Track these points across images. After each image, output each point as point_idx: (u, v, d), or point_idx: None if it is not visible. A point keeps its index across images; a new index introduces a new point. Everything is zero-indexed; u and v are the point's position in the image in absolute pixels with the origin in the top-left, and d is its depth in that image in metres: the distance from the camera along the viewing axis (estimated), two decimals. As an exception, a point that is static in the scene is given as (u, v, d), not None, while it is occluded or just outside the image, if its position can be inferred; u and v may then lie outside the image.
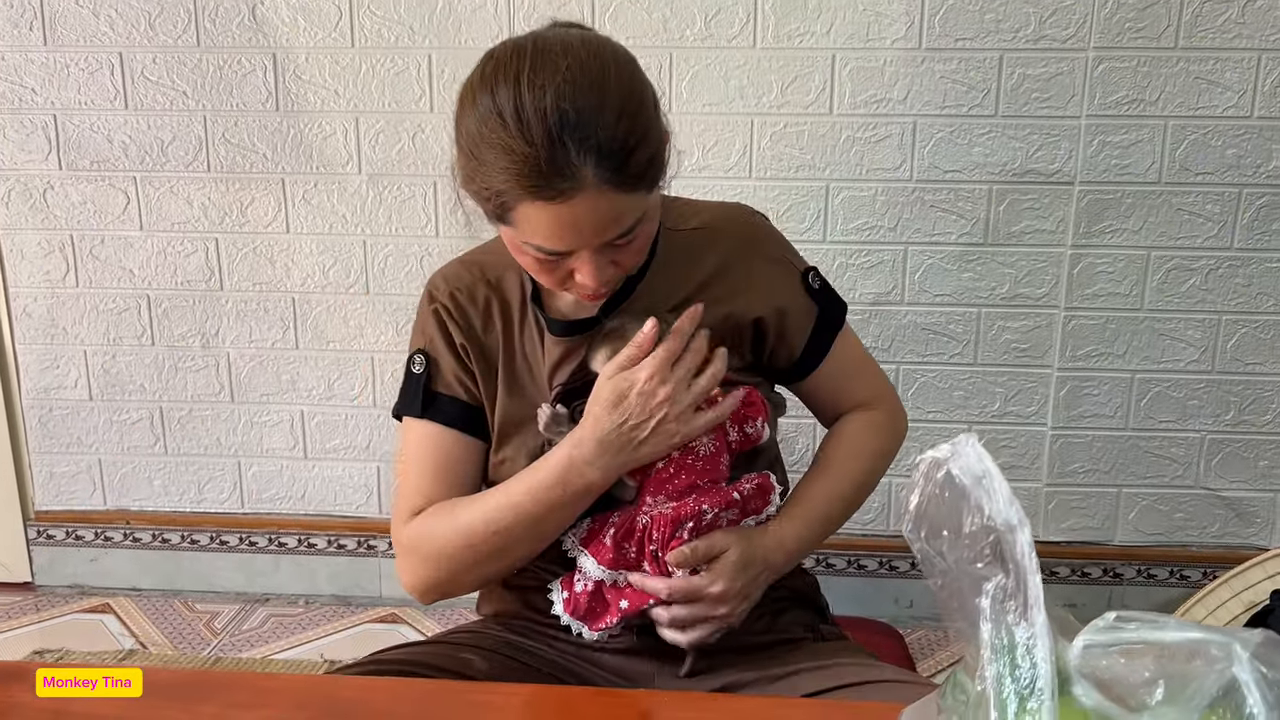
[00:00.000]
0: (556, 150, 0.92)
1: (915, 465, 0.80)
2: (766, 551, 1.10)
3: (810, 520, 1.15)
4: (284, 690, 1.02)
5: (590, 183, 0.93)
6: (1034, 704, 0.72)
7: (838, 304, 1.21)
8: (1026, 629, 0.74)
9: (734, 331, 1.13)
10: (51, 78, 2.18)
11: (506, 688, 1.07)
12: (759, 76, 2.05)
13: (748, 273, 1.14)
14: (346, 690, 1.02)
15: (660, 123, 1.00)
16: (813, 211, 2.10)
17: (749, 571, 1.08)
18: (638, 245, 1.02)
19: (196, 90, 2.16)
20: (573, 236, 0.96)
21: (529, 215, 0.96)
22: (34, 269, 2.28)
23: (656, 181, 1.00)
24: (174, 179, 2.21)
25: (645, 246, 1.04)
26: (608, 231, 0.97)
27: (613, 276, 1.03)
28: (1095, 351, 2.13)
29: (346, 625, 2.30)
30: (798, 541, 1.13)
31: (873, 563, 2.28)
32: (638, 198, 0.97)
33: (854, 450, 1.21)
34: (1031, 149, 2.04)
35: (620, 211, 0.96)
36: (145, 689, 0.96)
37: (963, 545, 0.78)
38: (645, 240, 1.03)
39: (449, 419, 1.15)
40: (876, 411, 1.24)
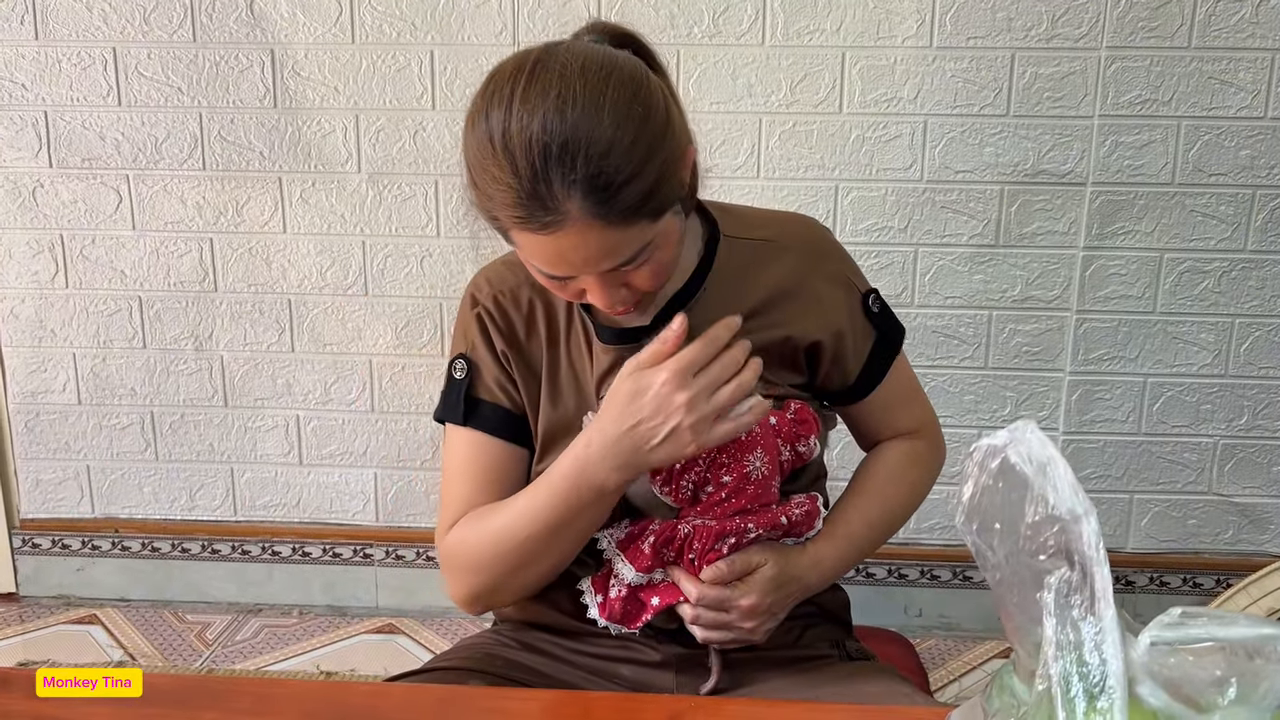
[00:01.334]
0: (539, 184, 0.88)
1: (969, 454, 0.76)
2: (802, 570, 1.07)
3: (847, 542, 1.12)
4: (289, 696, 0.97)
5: (576, 216, 0.89)
6: (1104, 702, 0.68)
7: (896, 329, 1.17)
8: (1094, 623, 0.70)
9: (790, 353, 1.10)
10: (42, 73, 2.13)
11: (522, 693, 1.03)
12: (767, 75, 2.01)
13: (811, 293, 1.10)
14: (354, 696, 0.97)
15: (669, 147, 0.93)
16: (821, 212, 2.06)
17: (782, 590, 1.05)
18: (653, 269, 0.97)
19: (192, 86, 2.12)
20: (567, 266, 0.94)
21: (522, 242, 0.94)
22: (22, 269, 2.23)
23: (660, 212, 0.94)
24: (168, 177, 2.16)
25: (664, 270, 0.99)
26: (603, 263, 0.93)
27: (628, 298, 0.99)
28: (1107, 355, 2.10)
29: (342, 636, 2.24)
30: (834, 563, 1.10)
31: (881, 571, 2.24)
32: (636, 230, 0.92)
33: (893, 477, 1.18)
34: (1043, 149, 2.02)
35: (614, 244, 0.92)
36: (146, 693, 0.92)
37: (1023, 537, 0.74)
38: (662, 265, 0.98)
39: (492, 427, 1.11)
40: (919, 442, 1.21)
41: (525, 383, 1.10)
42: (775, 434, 1.05)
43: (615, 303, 0.98)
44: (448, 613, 2.29)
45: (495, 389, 1.11)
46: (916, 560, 2.23)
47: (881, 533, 1.16)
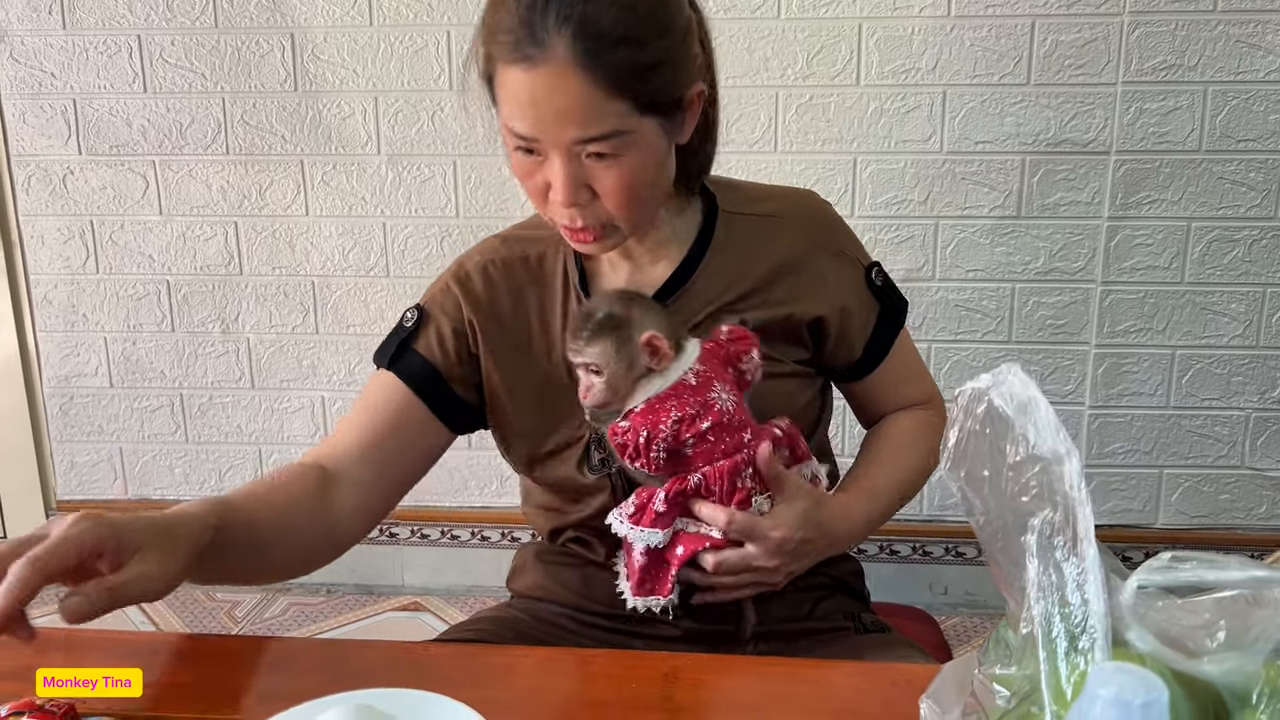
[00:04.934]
0: (535, 12, 0.89)
1: (954, 398, 0.76)
2: (831, 517, 1.04)
3: (872, 497, 1.10)
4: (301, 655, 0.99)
5: (561, 56, 0.88)
6: (1085, 642, 0.67)
7: (900, 303, 1.15)
8: (1076, 564, 0.69)
9: (794, 329, 1.08)
10: (70, 61, 2.17)
11: (524, 650, 1.03)
12: (784, 47, 2.00)
13: (814, 269, 1.08)
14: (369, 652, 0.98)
15: (674, 43, 0.94)
16: (840, 185, 2.05)
17: (810, 529, 1.01)
18: (620, 177, 0.95)
19: (215, 72, 2.15)
20: (536, 117, 0.91)
21: (505, 82, 0.92)
22: (54, 255, 2.27)
23: (644, 102, 0.92)
24: (193, 162, 2.20)
25: (632, 187, 0.96)
26: (571, 123, 0.91)
27: (588, 213, 0.97)
28: (1134, 327, 2.07)
29: (368, 614, 2.26)
30: (861, 517, 1.08)
31: (906, 548, 2.22)
32: (615, 103, 0.91)
33: (907, 441, 1.15)
34: (1065, 118, 1.99)
35: (588, 104, 0.90)
36: (165, 653, 0.94)
37: (1006, 479, 0.73)
38: (631, 179, 0.95)
39: (410, 375, 1.08)
40: (929, 411, 1.18)
41: (497, 352, 1.08)
42: (716, 358, 1.03)
43: (575, 205, 0.96)
44: (472, 591, 2.31)
45: (435, 345, 1.09)
46: (941, 537, 2.21)
47: (900, 496, 1.13)
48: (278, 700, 0.78)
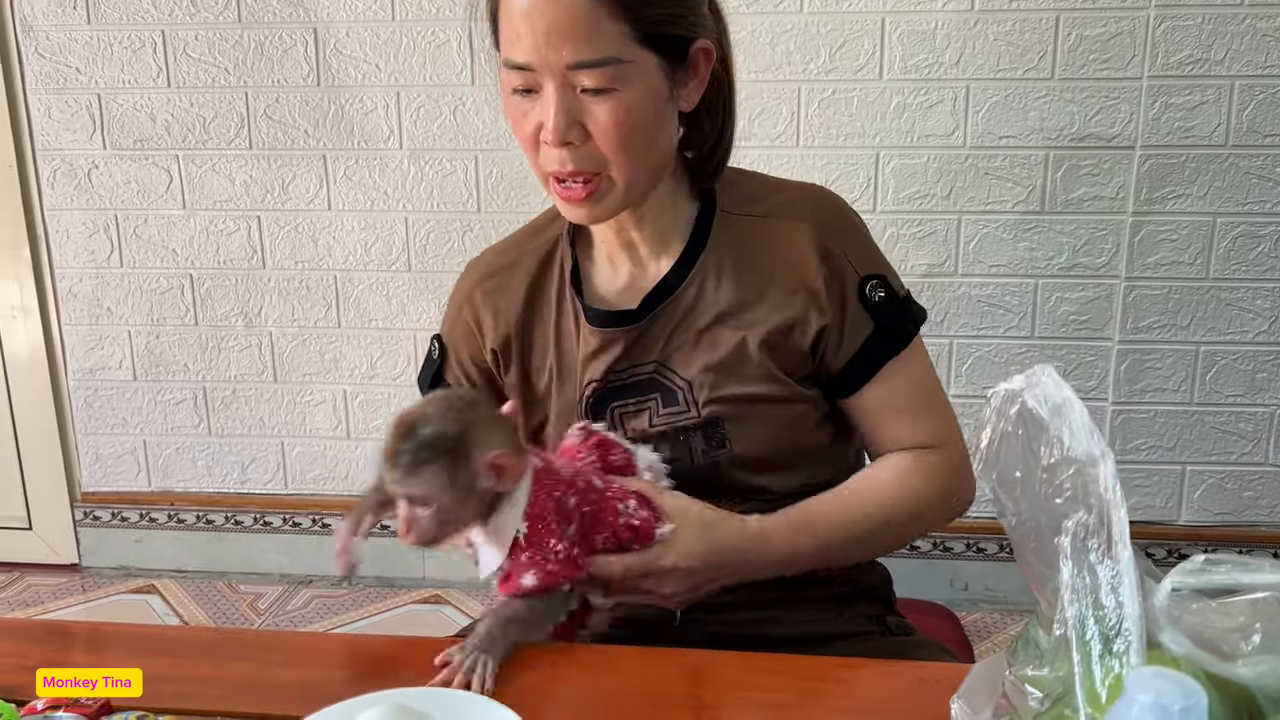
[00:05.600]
0: None
1: (987, 400, 0.75)
2: (737, 539, 0.98)
3: (801, 530, 1.00)
4: (320, 650, 1.00)
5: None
6: (1120, 645, 0.67)
7: (905, 324, 1.05)
8: (1111, 566, 0.69)
9: (796, 340, 1.02)
10: (95, 57, 2.18)
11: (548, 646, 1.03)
12: (806, 42, 2.00)
13: (809, 274, 1.01)
14: (388, 647, 0.99)
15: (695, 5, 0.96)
16: (862, 180, 2.04)
17: (711, 556, 0.97)
18: (615, 112, 0.92)
19: (238, 66, 2.16)
20: (533, 38, 0.90)
21: (507, 9, 0.93)
22: (79, 249, 2.29)
23: (644, 31, 0.92)
24: (216, 157, 2.21)
25: (626, 126, 0.93)
26: (568, 43, 0.90)
27: (581, 145, 0.94)
28: (1158, 323, 2.06)
29: (390, 606, 2.28)
30: (784, 545, 1.00)
31: (926, 544, 2.22)
32: (614, 24, 0.90)
33: (883, 481, 1.05)
34: (1090, 112, 1.97)
35: (588, 22, 0.90)
36: (183, 647, 0.95)
37: (1039, 480, 0.73)
38: (627, 113, 0.92)
39: None
40: (932, 453, 1.05)
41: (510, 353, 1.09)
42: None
43: (567, 144, 0.93)
44: (492, 583, 2.32)
45: (459, 373, 1.12)
46: (962, 534, 2.20)
47: (860, 538, 1.03)
48: (312, 696, 0.78)
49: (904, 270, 2.05)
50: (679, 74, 0.96)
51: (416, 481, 0.85)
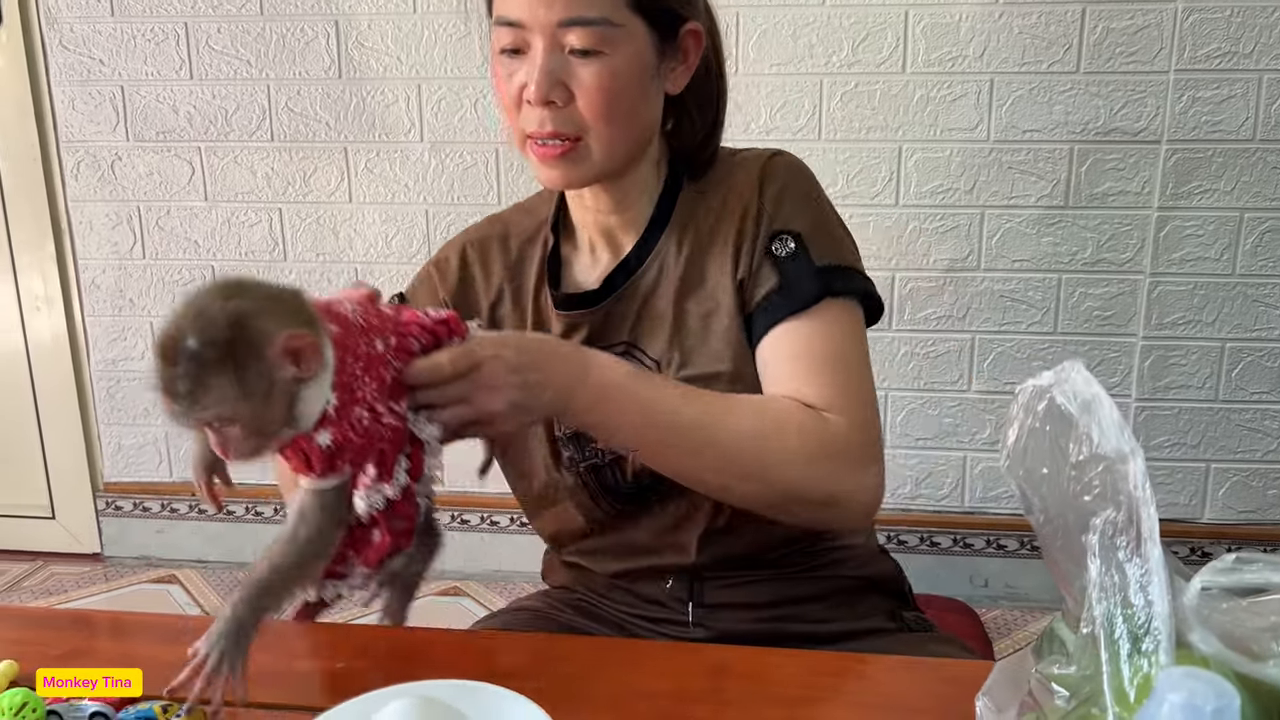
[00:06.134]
0: None
1: (1015, 396, 0.75)
2: (565, 347, 0.91)
3: (644, 387, 0.91)
4: (343, 641, 1.00)
5: None
6: (1149, 644, 0.66)
7: (807, 283, 0.97)
8: (1140, 565, 0.68)
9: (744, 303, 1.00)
10: (119, 49, 2.19)
11: (571, 639, 1.03)
12: (829, 35, 1.98)
13: (742, 230, 1.00)
14: (410, 638, 0.99)
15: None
16: (884, 174, 2.03)
17: (534, 352, 0.87)
18: (600, 76, 0.92)
19: (260, 59, 2.16)
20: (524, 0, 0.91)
21: None
22: (102, 240, 2.30)
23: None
24: (238, 149, 2.22)
25: (611, 91, 0.92)
26: (557, 3, 0.90)
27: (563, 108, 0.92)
28: (1183, 319, 2.04)
29: (409, 598, 2.28)
30: (620, 383, 0.89)
31: (946, 540, 2.21)
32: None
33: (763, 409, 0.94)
34: (1116, 106, 1.96)
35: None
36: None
37: (1067, 478, 0.72)
38: (612, 78, 0.92)
39: None
40: (817, 418, 0.93)
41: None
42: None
43: (549, 104, 0.92)
44: (511, 577, 2.32)
45: None
46: (983, 530, 2.19)
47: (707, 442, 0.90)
48: (335, 688, 0.79)
49: (926, 265, 2.05)
50: (667, 50, 0.96)
51: (202, 407, 0.69)
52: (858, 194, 2.04)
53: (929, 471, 2.17)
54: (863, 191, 2.03)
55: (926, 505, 2.19)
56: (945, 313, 2.07)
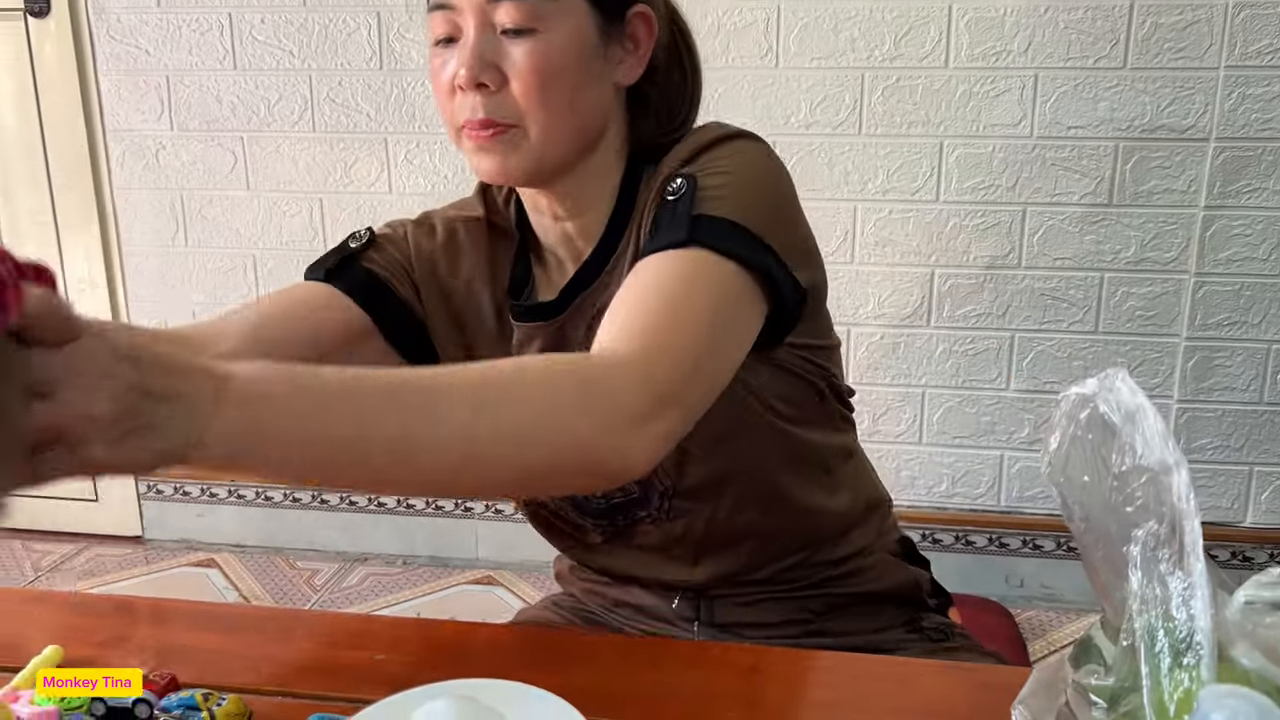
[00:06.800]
0: None
1: (1057, 403, 0.74)
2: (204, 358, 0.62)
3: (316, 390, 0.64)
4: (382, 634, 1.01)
5: None
6: (1190, 659, 0.65)
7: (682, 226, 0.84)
8: (1182, 578, 0.67)
9: None
10: (165, 39, 2.22)
11: (604, 637, 1.04)
12: (871, 28, 1.97)
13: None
14: (443, 631, 1.00)
15: None
16: (925, 170, 2.01)
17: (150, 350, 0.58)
18: (534, 54, 0.86)
19: (302, 50, 2.18)
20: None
21: None
22: (146, 228, 2.33)
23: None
24: (279, 139, 2.24)
25: (545, 73, 0.86)
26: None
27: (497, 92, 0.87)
28: (1228, 320, 2.00)
29: (442, 586, 2.30)
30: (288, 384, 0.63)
31: (982, 539, 2.19)
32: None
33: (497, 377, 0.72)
34: (1163, 103, 1.92)
35: None
36: (246, 626, 0.96)
37: (1110, 488, 0.71)
38: (546, 57, 0.86)
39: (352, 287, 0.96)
40: (589, 369, 0.75)
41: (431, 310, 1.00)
42: None
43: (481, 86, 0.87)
44: (544, 567, 2.33)
45: (384, 264, 0.98)
46: (1020, 529, 2.17)
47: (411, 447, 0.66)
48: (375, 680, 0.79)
49: (966, 261, 2.03)
50: (614, 34, 0.90)
51: None
52: (898, 189, 2.02)
53: (965, 470, 2.15)
54: (903, 187, 2.02)
55: (962, 504, 2.17)
56: (985, 310, 2.05)
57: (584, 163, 0.92)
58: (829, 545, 1.01)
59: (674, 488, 0.95)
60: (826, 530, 1.01)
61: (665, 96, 0.96)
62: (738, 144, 0.91)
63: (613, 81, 0.92)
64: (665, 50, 0.95)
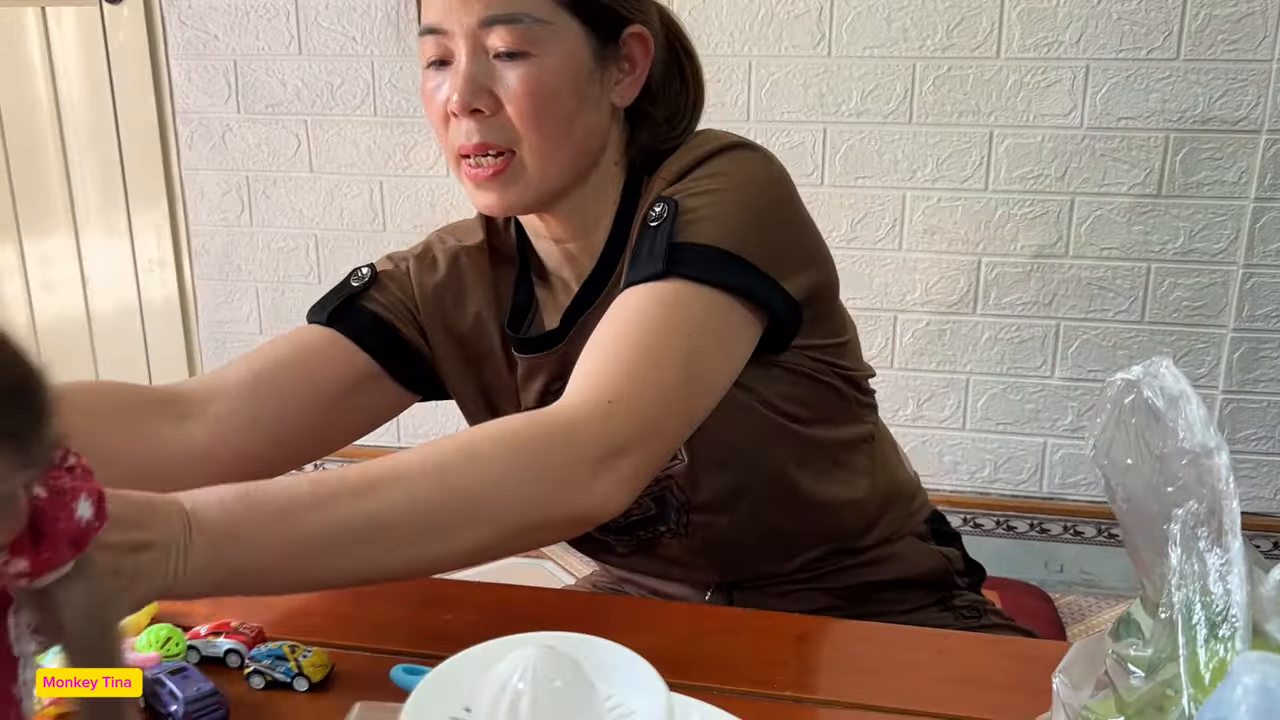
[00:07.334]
0: None
1: (1103, 389, 0.78)
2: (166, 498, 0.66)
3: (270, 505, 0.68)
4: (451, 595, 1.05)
5: None
6: (1225, 631, 0.69)
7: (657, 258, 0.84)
8: (1220, 555, 0.70)
9: None
10: (233, 25, 2.29)
11: (657, 604, 1.07)
12: (923, 18, 1.99)
13: None
14: (508, 595, 1.04)
15: None
16: (975, 159, 2.04)
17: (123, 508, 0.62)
18: (528, 78, 0.85)
19: (365, 35, 2.24)
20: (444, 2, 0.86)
21: None
22: (212, 208, 2.41)
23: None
24: (342, 122, 2.30)
25: (539, 96, 0.86)
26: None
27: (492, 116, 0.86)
28: (1275, 312, 2.01)
29: (493, 559, 2.37)
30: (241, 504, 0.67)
31: (1023, 524, 2.22)
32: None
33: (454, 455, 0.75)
34: (1215, 95, 1.93)
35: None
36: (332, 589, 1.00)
37: (1152, 469, 0.75)
38: (539, 81, 0.85)
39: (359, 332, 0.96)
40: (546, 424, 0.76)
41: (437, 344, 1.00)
42: None
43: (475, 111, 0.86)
44: (592, 543, 2.39)
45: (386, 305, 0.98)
46: (1061, 515, 2.20)
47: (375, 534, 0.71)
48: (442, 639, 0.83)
49: (1013, 250, 2.05)
50: (609, 55, 0.89)
51: None
52: (947, 178, 2.05)
53: (1008, 456, 2.18)
54: (952, 176, 2.04)
55: (1004, 489, 2.20)
56: (1031, 299, 2.08)
57: (583, 183, 0.92)
58: (853, 536, 1.01)
59: (690, 502, 0.95)
60: (849, 521, 1.01)
61: (666, 111, 0.95)
62: (728, 157, 0.90)
63: (610, 102, 0.91)
64: (663, 65, 0.94)
